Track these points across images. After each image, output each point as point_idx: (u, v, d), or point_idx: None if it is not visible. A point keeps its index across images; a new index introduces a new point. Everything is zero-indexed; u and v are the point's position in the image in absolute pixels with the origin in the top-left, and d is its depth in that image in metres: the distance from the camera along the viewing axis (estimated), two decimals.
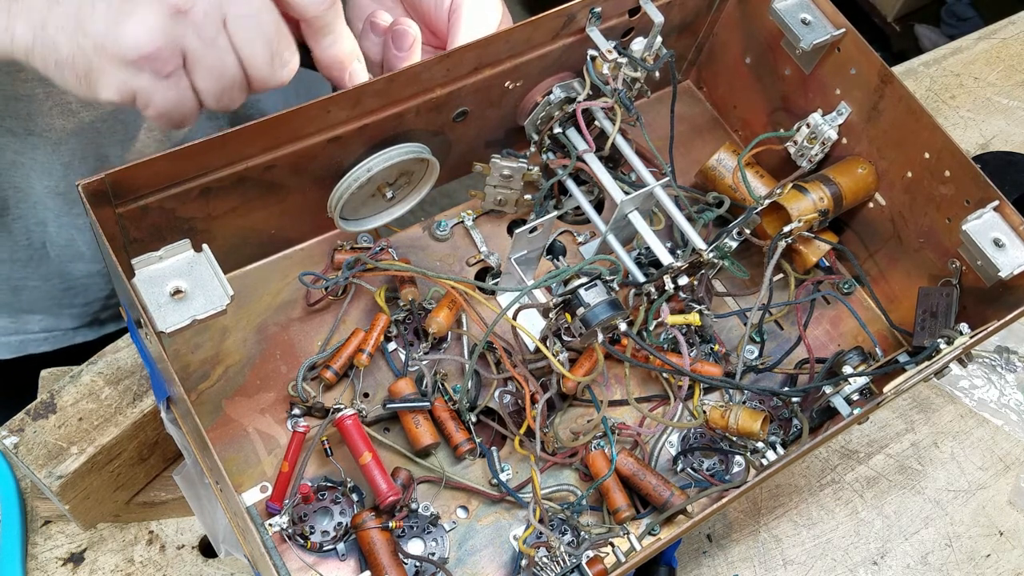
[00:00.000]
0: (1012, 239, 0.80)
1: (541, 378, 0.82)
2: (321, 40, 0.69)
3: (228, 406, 0.81)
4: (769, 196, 0.85)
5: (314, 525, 0.77)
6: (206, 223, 0.77)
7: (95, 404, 0.80)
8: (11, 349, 1.04)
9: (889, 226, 0.91)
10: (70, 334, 1.05)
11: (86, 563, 0.85)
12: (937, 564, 0.95)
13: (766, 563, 0.93)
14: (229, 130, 0.69)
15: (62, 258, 0.97)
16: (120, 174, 0.67)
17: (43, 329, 1.03)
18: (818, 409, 0.85)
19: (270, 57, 0.65)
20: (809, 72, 0.90)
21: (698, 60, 1.02)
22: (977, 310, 0.84)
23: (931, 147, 0.83)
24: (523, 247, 0.83)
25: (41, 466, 0.78)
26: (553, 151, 0.89)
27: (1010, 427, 1.03)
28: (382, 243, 0.85)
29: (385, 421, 0.82)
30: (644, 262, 0.86)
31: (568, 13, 0.81)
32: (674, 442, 0.86)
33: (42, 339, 1.04)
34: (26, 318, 1.02)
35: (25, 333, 1.03)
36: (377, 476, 0.75)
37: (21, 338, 1.03)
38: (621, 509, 0.80)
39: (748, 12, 0.93)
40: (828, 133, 0.89)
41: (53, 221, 0.93)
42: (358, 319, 0.85)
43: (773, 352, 0.91)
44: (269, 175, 0.76)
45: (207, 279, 0.67)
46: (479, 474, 0.82)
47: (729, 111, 1.02)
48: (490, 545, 0.80)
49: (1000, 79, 1.27)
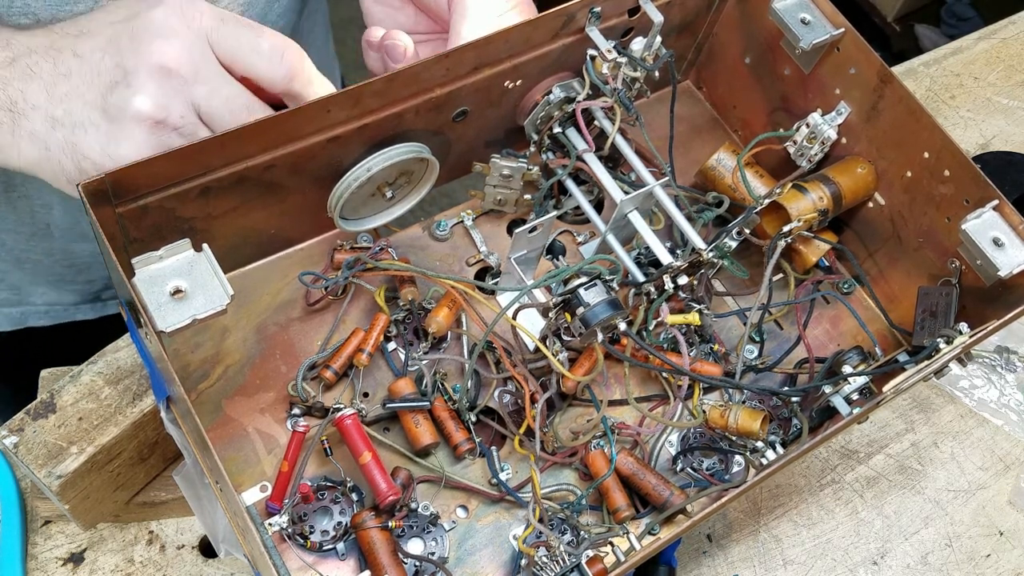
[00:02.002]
0: (1011, 238, 0.80)
1: (541, 378, 0.82)
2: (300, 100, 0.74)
3: (228, 406, 0.81)
4: (768, 196, 0.85)
5: (314, 525, 0.77)
6: (206, 223, 0.77)
7: (95, 404, 0.81)
8: (12, 321, 1.05)
9: (889, 226, 0.91)
10: (71, 310, 1.07)
11: (86, 563, 0.85)
12: (937, 564, 0.95)
13: (766, 563, 0.93)
14: (228, 130, 0.70)
15: (66, 238, 0.98)
16: (120, 173, 0.67)
17: (45, 303, 1.04)
18: (818, 409, 0.85)
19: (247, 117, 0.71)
20: (809, 72, 0.90)
21: (698, 60, 1.02)
22: (977, 309, 0.84)
23: (930, 147, 0.83)
24: (523, 247, 0.83)
25: (41, 466, 0.78)
26: (553, 151, 0.89)
27: (1010, 427, 1.03)
28: (382, 243, 0.85)
29: (385, 421, 0.82)
30: (644, 262, 0.86)
31: (568, 13, 0.81)
32: (674, 442, 0.86)
33: (43, 312, 1.05)
34: (29, 290, 1.03)
35: (27, 305, 1.04)
36: (377, 476, 0.75)
37: (23, 310, 1.04)
38: (621, 509, 0.80)
39: (748, 12, 0.93)
40: (827, 133, 0.89)
41: (59, 204, 0.94)
42: (358, 319, 0.86)
43: (773, 352, 0.91)
44: (269, 175, 0.76)
45: (207, 278, 0.67)
46: (479, 474, 0.82)
47: (729, 111, 1.02)
48: (490, 545, 0.80)
49: (1000, 79, 1.27)
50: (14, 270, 1.00)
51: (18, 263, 0.99)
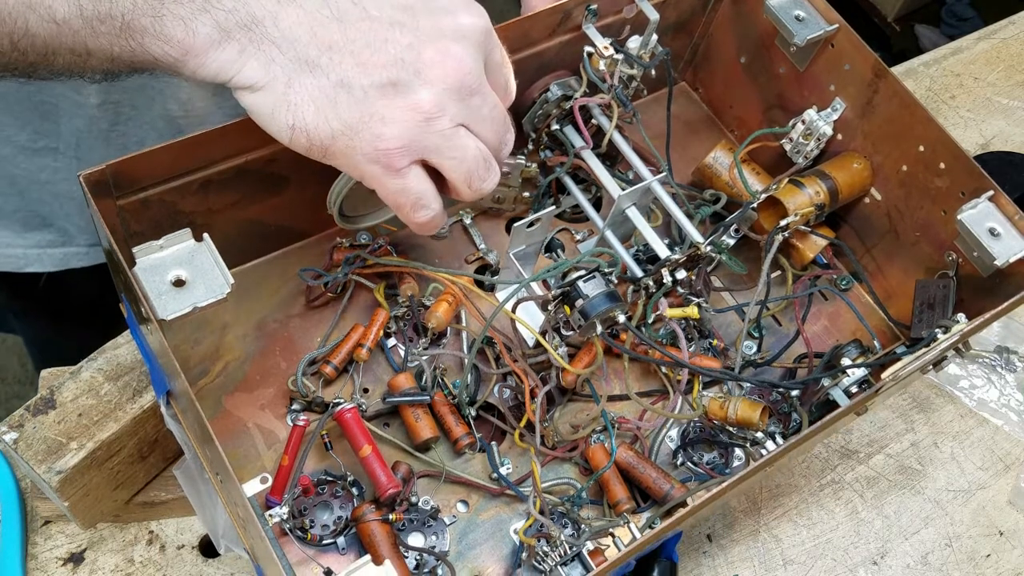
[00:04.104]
0: (1007, 228, 0.81)
1: (540, 372, 0.82)
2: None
3: (228, 402, 0.81)
4: (765, 191, 0.86)
5: (314, 518, 0.77)
6: (206, 217, 0.77)
7: (95, 400, 0.81)
8: (55, 262, 1.03)
9: (885, 220, 0.91)
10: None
11: (86, 563, 0.85)
12: (937, 564, 0.94)
13: (766, 563, 0.92)
14: (230, 122, 0.70)
15: None
16: (121, 165, 0.68)
17: (87, 243, 1.03)
18: (817, 403, 0.85)
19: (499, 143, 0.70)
20: (803, 69, 0.91)
21: (694, 60, 1.02)
22: (974, 301, 0.84)
23: (925, 140, 0.84)
24: (522, 242, 0.83)
25: (40, 462, 0.78)
26: (551, 148, 0.89)
27: (1010, 427, 1.03)
28: (381, 240, 0.86)
29: (385, 416, 0.82)
30: (642, 258, 0.87)
31: (564, 10, 0.81)
32: (674, 436, 0.86)
33: (83, 253, 1.03)
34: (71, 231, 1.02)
35: (69, 246, 1.02)
36: (377, 469, 0.75)
37: (64, 251, 1.03)
38: (621, 502, 0.80)
39: (742, 11, 0.94)
40: (823, 129, 0.89)
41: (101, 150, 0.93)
42: (357, 315, 0.86)
43: (771, 347, 0.91)
44: (270, 168, 0.76)
45: (208, 268, 0.67)
46: (479, 468, 0.82)
47: (725, 110, 1.03)
48: (490, 539, 0.80)
49: (1000, 79, 1.28)
50: (56, 210, 0.99)
51: (58, 200, 0.98)
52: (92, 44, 0.58)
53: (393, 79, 0.63)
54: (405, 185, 0.66)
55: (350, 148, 0.63)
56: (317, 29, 0.61)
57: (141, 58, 0.60)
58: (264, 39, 0.61)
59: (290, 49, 0.61)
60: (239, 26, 0.60)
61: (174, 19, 0.58)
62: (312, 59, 0.61)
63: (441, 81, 0.64)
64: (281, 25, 0.61)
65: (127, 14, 0.58)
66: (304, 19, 0.61)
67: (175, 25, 0.58)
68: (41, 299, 1.10)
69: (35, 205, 0.98)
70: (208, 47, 0.60)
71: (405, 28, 0.63)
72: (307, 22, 0.61)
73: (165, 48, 0.59)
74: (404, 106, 0.63)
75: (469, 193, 0.69)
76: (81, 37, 0.58)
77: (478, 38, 0.66)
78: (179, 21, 0.58)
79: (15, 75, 0.61)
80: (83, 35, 0.58)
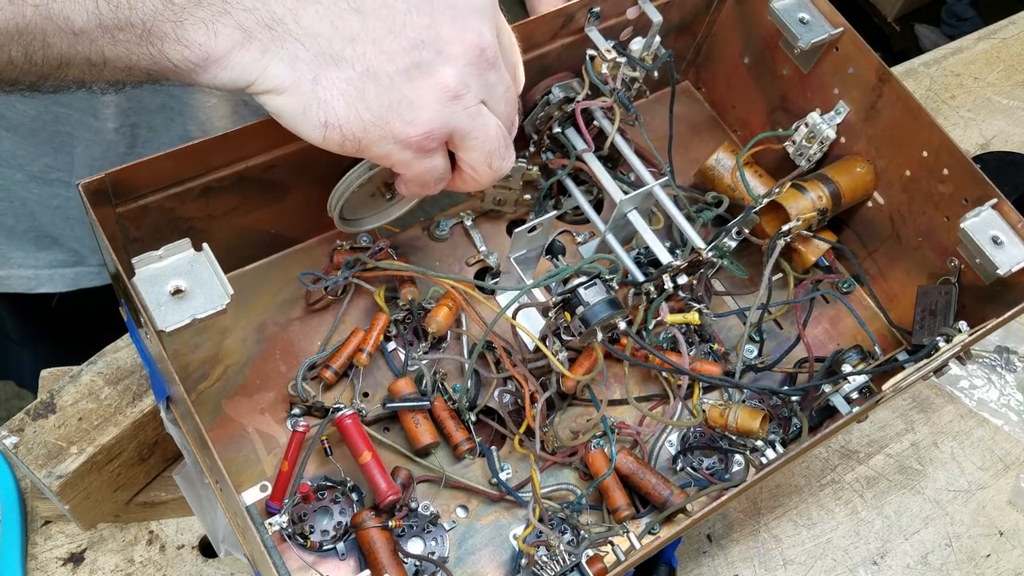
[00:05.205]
0: (1010, 237, 0.80)
1: (541, 377, 0.82)
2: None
3: (228, 406, 0.81)
4: (768, 195, 0.86)
5: (314, 524, 0.77)
6: (206, 223, 0.77)
7: (95, 404, 0.81)
8: (67, 282, 1.03)
9: (888, 225, 0.91)
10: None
11: (86, 563, 0.85)
12: (937, 564, 0.95)
13: (766, 563, 0.93)
14: (230, 130, 0.70)
15: None
16: (121, 173, 0.67)
17: (100, 263, 1.02)
18: (818, 408, 0.85)
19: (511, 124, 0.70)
20: (807, 72, 0.90)
21: (697, 60, 1.02)
22: (976, 308, 0.84)
23: (929, 146, 0.84)
24: (522, 246, 0.83)
25: (41, 466, 0.78)
26: (552, 151, 0.89)
27: (1010, 427, 1.03)
28: (381, 243, 0.85)
29: (385, 421, 0.82)
30: (643, 262, 0.87)
31: (567, 13, 0.81)
32: (673, 441, 0.86)
33: (95, 273, 1.03)
34: (83, 252, 1.02)
35: (82, 266, 1.02)
36: (377, 475, 0.75)
37: (77, 271, 1.02)
38: (621, 508, 0.80)
39: (746, 12, 0.93)
40: (826, 132, 0.89)
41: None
42: (358, 319, 0.86)
43: (772, 351, 0.91)
44: (269, 175, 0.76)
45: (207, 278, 0.67)
46: (479, 474, 0.82)
47: (728, 111, 1.02)
48: (490, 544, 0.80)
49: (1000, 79, 1.27)
50: (67, 231, 0.99)
51: (69, 223, 0.98)
52: (110, 53, 0.57)
53: (416, 61, 0.63)
54: (434, 163, 0.67)
55: (383, 138, 0.63)
56: (338, 22, 0.61)
57: (160, 65, 0.59)
58: (287, 36, 0.60)
59: (313, 44, 0.60)
60: (260, 25, 0.59)
61: (195, 22, 0.58)
62: (336, 52, 0.61)
63: (462, 56, 0.64)
64: (302, 21, 0.60)
65: (148, 20, 0.57)
66: (324, 13, 0.61)
67: (196, 28, 0.58)
68: (51, 322, 1.10)
69: (47, 227, 0.98)
70: (230, 49, 0.59)
71: (421, 10, 0.63)
72: (327, 16, 0.61)
73: (185, 53, 0.58)
74: (430, 86, 0.63)
75: (489, 173, 0.69)
76: (99, 46, 0.57)
77: (490, 12, 0.66)
78: (200, 24, 0.58)
79: (19, 89, 0.60)
80: (101, 44, 0.57)
